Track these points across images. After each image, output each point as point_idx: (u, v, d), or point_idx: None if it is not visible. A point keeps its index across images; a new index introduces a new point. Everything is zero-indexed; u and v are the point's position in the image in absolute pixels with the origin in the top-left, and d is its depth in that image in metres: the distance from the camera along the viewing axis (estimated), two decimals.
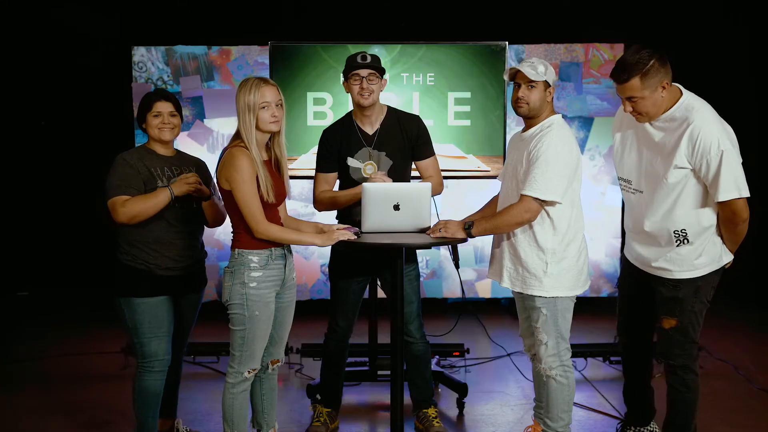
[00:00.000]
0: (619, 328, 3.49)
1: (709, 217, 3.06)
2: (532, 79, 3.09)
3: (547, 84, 3.13)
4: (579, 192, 3.18)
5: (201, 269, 3.45)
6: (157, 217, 3.18)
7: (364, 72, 3.44)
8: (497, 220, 3.14)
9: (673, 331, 3.14)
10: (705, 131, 2.93)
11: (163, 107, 3.27)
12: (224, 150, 3.02)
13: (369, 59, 3.46)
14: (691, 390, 3.16)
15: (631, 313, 3.40)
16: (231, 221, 3.06)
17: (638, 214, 3.19)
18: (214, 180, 3.25)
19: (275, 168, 3.08)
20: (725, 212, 3.00)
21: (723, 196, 2.94)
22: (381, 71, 3.50)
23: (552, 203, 3.07)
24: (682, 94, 3.07)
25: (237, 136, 2.99)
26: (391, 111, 3.64)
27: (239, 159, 2.90)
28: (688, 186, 3.02)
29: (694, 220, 3.05)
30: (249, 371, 3.04)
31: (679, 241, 3.08)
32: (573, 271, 3.14)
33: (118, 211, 3.12)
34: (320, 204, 3.63)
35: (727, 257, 3.14)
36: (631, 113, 3.06)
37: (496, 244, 3.31)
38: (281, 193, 3.06)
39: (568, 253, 3.13)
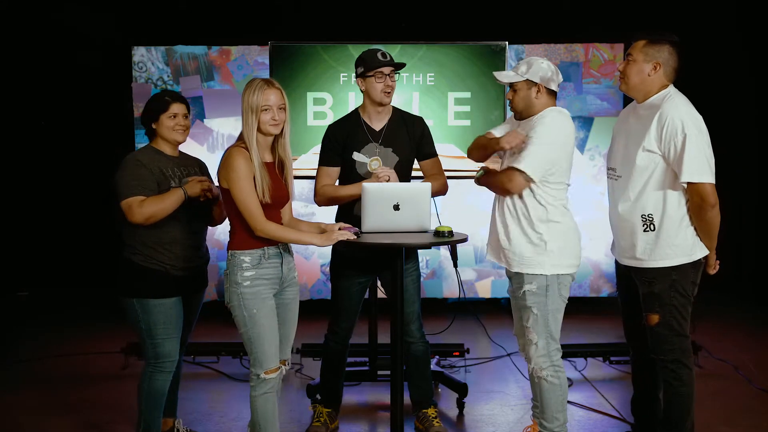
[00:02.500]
0: (625, 334, 3.49)
1: (676, 205, 3.08)
2: (505, 81, 3.19)
3: (531, 83, 3.15)
4: (568, 174, 3.18)
5: (205, 270, 3.48)
6: (171, 217, 3.19)
7: (387, 70, 3.47)
8: (493, 178, 3.21)
9: (658, 327, 3.15)
10: (672, 115, 3.02)
11: (180, 109, 3.30)
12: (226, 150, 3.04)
13: (389, 56, 3.50)
14: (685, 384, 3.15)
15: (630, 317, 3.40)
16: (229, 222, 3.06)
17: (615, 199, 3.26)
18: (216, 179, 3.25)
19: (279, 170, 3.07)
20: (694, 198, 3.03)
21: (684, 177, 2.99)
22: (399, 68, 3.54)
23: (532, 181, 3.09)
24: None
25: (241, 136, 3.01)
26: (396, 110, 3.66)
27: (235, 158, 2.92)
28: (657, 171, 3.08)
29: (660, 206, 3.09)
30: (266, 372, 3.00)
31: (645, 226, 3.12)
32: (556, 249, 3.13)
33: (135, 212, 3.12)
34: (320, 197, 3.61)
35: (701, 252, 3.13)
36: (619, 72, 3.21)
37: (491, 224, 3.34)
38: (281, 196, 3.05)
39: (552, 234, 3.13)
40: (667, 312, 3.13)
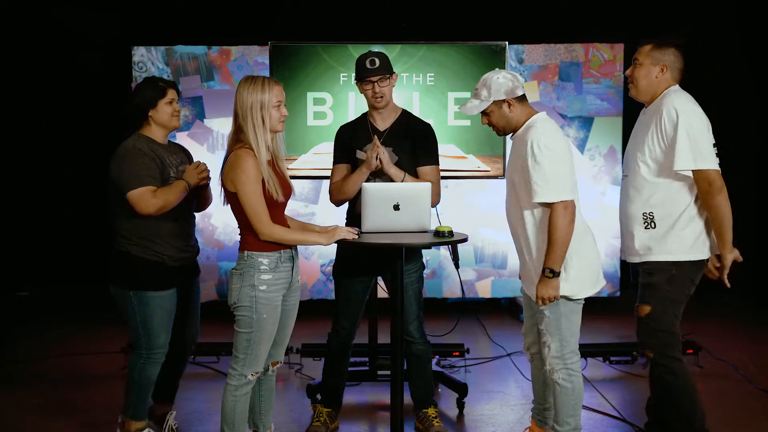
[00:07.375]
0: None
1: (676, 202, 3.10)
2: (475, 113, 3.10)
3: (498, 102, 3.04)
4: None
5: (196, 258, 3.49)
6: None
7: (375, 77, 3.47)
8: (556, 242, 2.96)
9: (647, 318, 3.16)
10: (672, 104, 3.06)
11: (174, 95, 3.30)
12: (228, 152, 2.98)
13: (377, 63, 3.47)
14: (679, 376, 3.15)
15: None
16: (238, 223, 3.02)
17: (622, 199, 3.28)
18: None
19: (277, 167, 3.05)
20: (700, 184, 3.03)
21: (678, 165, 3.00)
22: (390, 71, 3.53)
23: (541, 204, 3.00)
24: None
25: (238, 138, 2.95)
26: (405, 113, 3.67)
27: (245, 160, 2.87)
28: (656, 168, 3.10)
29: (660, 203, 3.11)
30: (252, 374, 3.01)
31: (646, 224, 3.14)
32: (571, 272, 3.09)
33: (148, 203, 3.09)
34: (331, 192, 3.65)
35: (702, 253, 3.15)
36: (627, 76, 3.26)
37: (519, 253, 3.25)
38: (288, 193, 3.04)
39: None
40: (658, 304, 3.14)
